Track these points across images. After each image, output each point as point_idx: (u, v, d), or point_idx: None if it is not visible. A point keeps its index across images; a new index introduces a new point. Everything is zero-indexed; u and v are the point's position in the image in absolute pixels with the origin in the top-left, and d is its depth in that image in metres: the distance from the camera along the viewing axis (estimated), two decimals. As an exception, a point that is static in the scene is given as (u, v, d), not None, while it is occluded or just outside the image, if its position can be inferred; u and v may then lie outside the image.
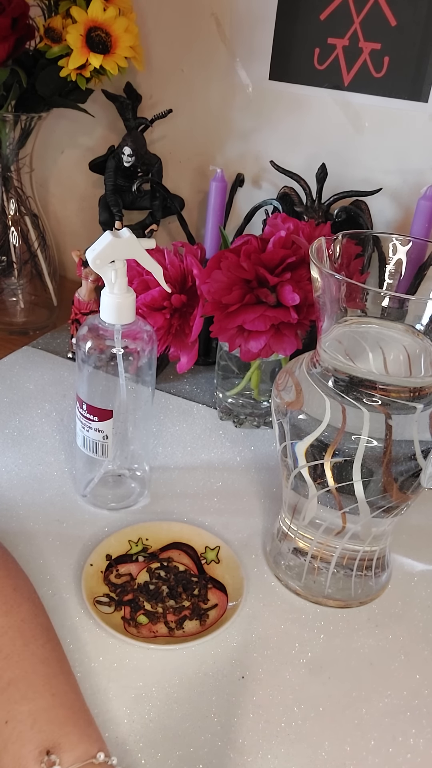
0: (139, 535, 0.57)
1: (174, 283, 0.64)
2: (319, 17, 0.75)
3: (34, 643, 0.42)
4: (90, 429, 0.57)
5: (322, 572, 0.54)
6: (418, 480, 0.47)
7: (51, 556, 0.55)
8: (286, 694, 0.47)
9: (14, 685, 0.39)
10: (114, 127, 0.92)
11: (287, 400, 0.50)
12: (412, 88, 0.74)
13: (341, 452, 0.46)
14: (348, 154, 0.80)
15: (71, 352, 0.84)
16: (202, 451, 0.70)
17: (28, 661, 0.41)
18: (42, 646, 0.42)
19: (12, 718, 0.38)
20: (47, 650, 0.42)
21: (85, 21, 0.72)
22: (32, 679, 0.40)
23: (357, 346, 0.49)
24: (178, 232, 0.93)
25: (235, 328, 0.60)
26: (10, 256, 0.88)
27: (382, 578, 0.56)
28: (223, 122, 0.86)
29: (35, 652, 0.42)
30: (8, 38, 0.70)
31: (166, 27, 0.84)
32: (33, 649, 0.42)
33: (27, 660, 0.41)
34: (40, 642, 0.43)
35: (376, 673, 0.49)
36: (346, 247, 0.50)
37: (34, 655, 0.41)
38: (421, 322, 0.47)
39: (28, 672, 0.40)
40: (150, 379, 0.58)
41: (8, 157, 0.83)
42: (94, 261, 0.51)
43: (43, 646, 0.43)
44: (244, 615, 0.52)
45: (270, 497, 0.65)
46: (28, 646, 0.42)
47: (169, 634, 0.50)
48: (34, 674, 0.40)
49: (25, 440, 0.69)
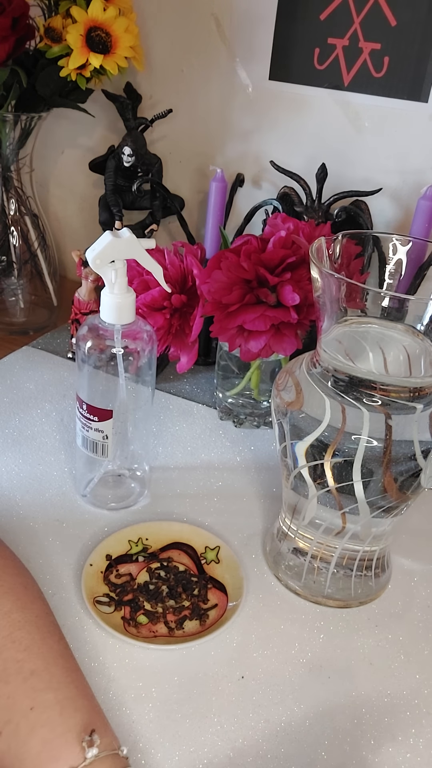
0: (139, 535, 0.57)
1: (174, 283, 0.64)
2: (319, 17, 0.75)
3: (51, 638, 0.43)
4: (90, 429, 0.57)
5: (322, 572, 0.54)
6: (418, 480, 0.47)
7: (51, 556, 0.55)
8: (286, 694, 0.47)
9: (37, 675, 0.40)
10: (114, 127, 0.92)
11: (287, 400, 0.50)
12: (412, 88, 0.74)
13: (341, 452, 0.46)
14: (348, 154, 0.80)
15: (71, 352, 0.84)
16: (202, 451, 0.70)
17: (48, 653, 0.41)
18: (58, 641, 0.43)
19: (38, 704, 0.38)
20: (62, 646, 0.43)
21: (85, 21, 0.72)
22: (54, 670, 0.40)
23: (357, 346, 0.49)
24: (178, 232, 0.93)
25: (235, 328, 0.60)
26: (10, 256, 0.88)
27: (382, 578, 0.56)
28: (223, 122, 0.86)
29: (53, 646, 0.42)
30: (8, 38, 0.70)
31: (166, 27, 0.84)
32: (50, 643, 0.42)
33: (47, 653, 0.41)
34: (56, 637, 0.43)
35: (376, 673, 0.49)
36: (346, 247, 0.50)
37: (52, 649, 0.42)
38: (421, 322, 0.47)
39: (50, 664, 0.41)
40: (150, 379, 0.58)
41: (8, 157, 0.83)
42: (94, 261, 0.51)
43: (58, 641, 0.43)
44: (244, 615, 0.52)
45: (270, 497, 0.65)
46: (46, 640, 0.42)
47: (169, 634, 0.50)
48: (55, 666, 0.41)
49: (25, 440, 0.69)
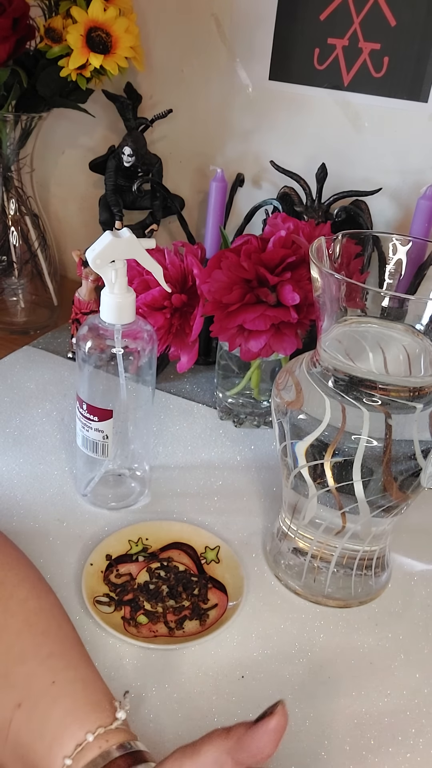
0: (139, 534, 0.57)
1: (174, 283, 0.64)
2: (319, 17, 0.75)
3: (67, 626, 0.43)
4: (90, 429, 0.57)
5: (322, 572, 0.54)
6: (418, 480, 0.48)
7: (51, 556, 0.55)
8: (286, 694, 0.47)
9: (56, 656, 0.40)
10: (114, 127, 0.93)
11: (287, 400, 0.50)
12: (412, 88, 0.74)
13: (341, 452, 0.46)
14: (348, 154, 0.80)
15: (71, 352, 0.84)
16: (203, 450, 0.70)
17: (66, 638, 0.42)
18: (73, 630, 0.43)
19: (60, 679, 0.39)
20: (77, 635, 0.43)
21: (86, 21, 0.72)
22: (72, 654, 0.41)
23: (357, 345, 0.49)
24: (178, 232, 0.93)
25: (236, 328, 0.60)
26: (11, 256, 0.89)
27: (382, 578, 0.56)
28: (223, 122, 0.86)
29: (69, 633, 0.43)
30: (9, 38, 0.70)
31: (166, 27, 0.84)
32: (66, 630, 0.43)
33: (65, 637, 0.42)
34: (71, 627, 0.44)
35: (376, 673, 0.49)
36: (346, 247, 0.50)
37: (69, 635, 0.42)
38: (421, 322, 0.47)
39: (67, 647, 0.41)
40: (150, 379, 0.58)
41: (9, 157, 0.83)
42: (95, 261, 0.51)
43: (73, 630, 0.43)
44: (244, 615, 0.52)
45: (270, 497, 0.65)
46: (62, 627, 0.43)
47: (169, 634, 0.50)
48: (72, 650, 0.41)
49: (26, 439, 0.69)
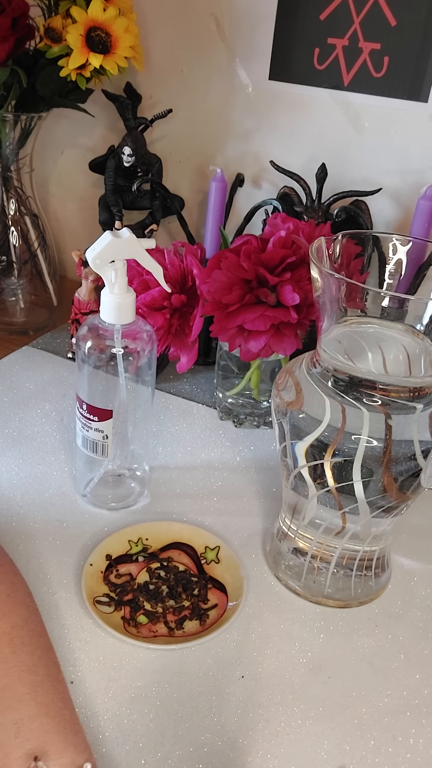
0: (139, 535, 0.57)
1: (174, 283, 0.64)
2: (319, 17, 0.75)
3: (23, 651, 0.42)
4: (90, 429, 0.57)
5: (322, 572, 0.54)
6: (418, 480, 0.47)
7: (51, 556, 0.55)
8: (286, 694, 0.47)
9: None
10: (114, 127, 0.92)
11: (287, 400, 0.50)
12: (412, 88, 0.74)
13: (341, 452, 0.46)
14: (348, 154, 0.80)
15: (71, 352, 0.84)
16: (202, 450, 0.70)
17: (14, 670, 0.41)
18: (31, 653, 0.42)
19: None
20: (35, 658, 0.42)
21: (85, 21, 0.72)
22: (18, 688, 0.40)
23: (357, 346, 0.49)
24: (178, 232, 0.93)
25: (235, 328, 0.60)
26: (10, 256, 0.88)
27: (382, 578, 0.56)
28: (223, 122, 0.86)
29: (23, 659, 0.42)
30: (8, 38, 0.70)
31: (166, 27, 0.84)
32: (21, 656, 0.42)
33: (14, 668, 0.41)
34: (29, 649, 0.42)
35: (376, 673, 0.49)
36: (346, 247, 0.50)
37: (22, 663, 0.41)
38: (421, 322, 0.47)
39: (15, 681, 0.40)
40: (150, 379, 0.58)
41: (8, 157, 0.83)
42: (94, 261, 0.51)
43: (32, 653, 0.42)
44: (244, 615, 0.52)
45: (270, 497, 0.65)
46: (17, 653, 0.42)
47: (169, 634, 0.50)
48: (20, 683, 0.40)
49: (25, 440, 0.69)
